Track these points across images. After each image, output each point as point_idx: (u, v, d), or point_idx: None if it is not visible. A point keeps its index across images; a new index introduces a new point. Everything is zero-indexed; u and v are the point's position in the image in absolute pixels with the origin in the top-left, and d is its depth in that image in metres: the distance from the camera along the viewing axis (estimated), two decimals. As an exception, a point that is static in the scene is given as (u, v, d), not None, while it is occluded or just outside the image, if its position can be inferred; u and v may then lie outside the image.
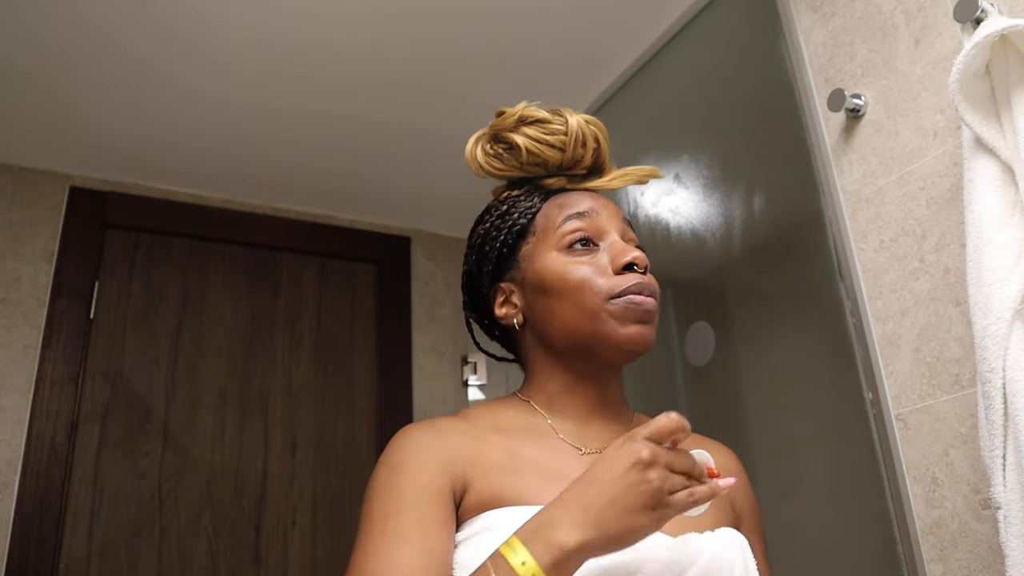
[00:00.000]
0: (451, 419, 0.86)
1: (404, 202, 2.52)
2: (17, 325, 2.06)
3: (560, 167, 0.94)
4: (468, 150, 0.97)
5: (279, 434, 2.27)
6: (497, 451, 0.81)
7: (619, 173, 0.97)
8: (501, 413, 0.88)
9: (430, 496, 0.75)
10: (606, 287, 0.84)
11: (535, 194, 0.93)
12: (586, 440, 0.86)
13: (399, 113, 2.08)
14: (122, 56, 1.83)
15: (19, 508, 1.92)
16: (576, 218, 0.89)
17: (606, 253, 0.87)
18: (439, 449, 0.79)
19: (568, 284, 0.85)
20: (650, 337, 0.85)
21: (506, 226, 0.92)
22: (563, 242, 0.88)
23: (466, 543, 0.74)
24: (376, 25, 1.78)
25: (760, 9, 1.57)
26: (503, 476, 0.79)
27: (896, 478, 1.20)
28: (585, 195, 0.92)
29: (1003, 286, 0.96)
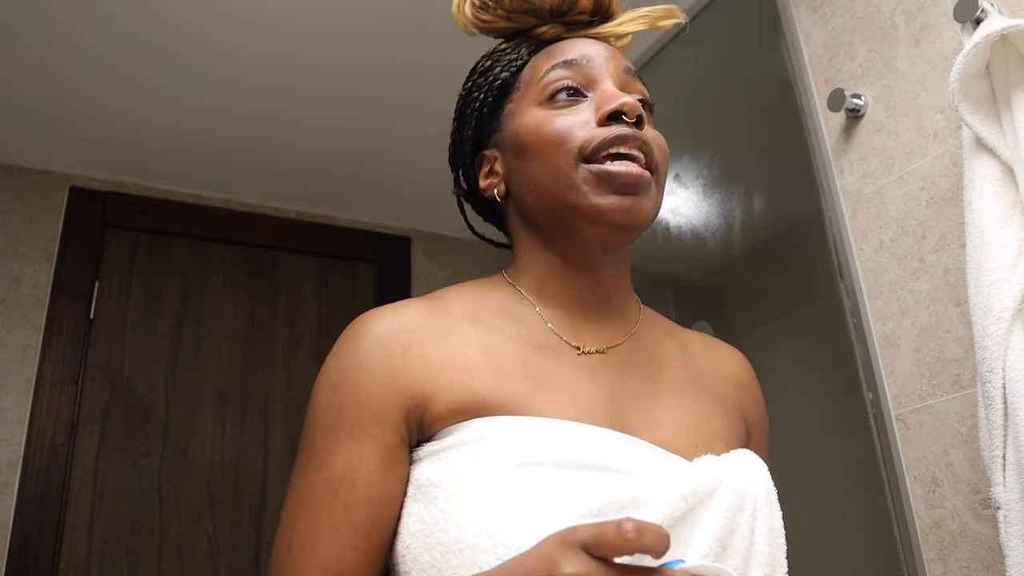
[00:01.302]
0: (419, 306, 0.72)
1: (404, 202, 2.52)
2: (17, 325, 2.06)
3: (553, 13, 0.80)
4: (455, 6, 0.82)
5: (279, 434, 2.27)
6: (473, 348, 0.69)
7: (629, 15, 0.81)
8: (481, 298, 0.75)
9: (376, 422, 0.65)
10: (579, 141, 0.70)
11: (523, 46, 0.80)
12: (584, 336, 0.73)
13: (399, 113, 2.08)
14: (122, 56, 1.83)
15: (19, 508, 1.92)
16: (562, 66, 0.74)
17: (593, 102, 0.73)
18: (394, 355, 0.67)
19: (540, 140, 0.72)
20: (635, 210, 0.69)
21: (486, 83, 0.79)
22: (545, 94, 0.74)
23: (439, 456, 0.64)
24: (376, 26, 1.78)
25: (760, 9, 1.57)
26: (481, 378, 0.66)
27: (896, 478, 1.20)
28: (581, 42, 0.77)
29: (1003, 286, 0.96)
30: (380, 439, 0.65)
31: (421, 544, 0.62)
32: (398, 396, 0.66)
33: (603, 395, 0.69)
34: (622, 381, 0.72)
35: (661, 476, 0.63)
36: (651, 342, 0.77)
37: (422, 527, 0.62)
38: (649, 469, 0.63)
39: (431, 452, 0.65)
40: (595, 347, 0.73)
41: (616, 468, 0.62)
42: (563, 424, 0.64)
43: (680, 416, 0.72)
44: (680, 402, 0.73)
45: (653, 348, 0.77)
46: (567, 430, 0.64)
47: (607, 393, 0.70)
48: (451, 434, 0.64)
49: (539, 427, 0.63)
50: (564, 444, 0.62)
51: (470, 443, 0.63)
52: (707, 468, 0.64)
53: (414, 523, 0.63)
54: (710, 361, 0.80)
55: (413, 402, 0.66)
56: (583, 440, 0.63)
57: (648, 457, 0.65)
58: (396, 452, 0.65)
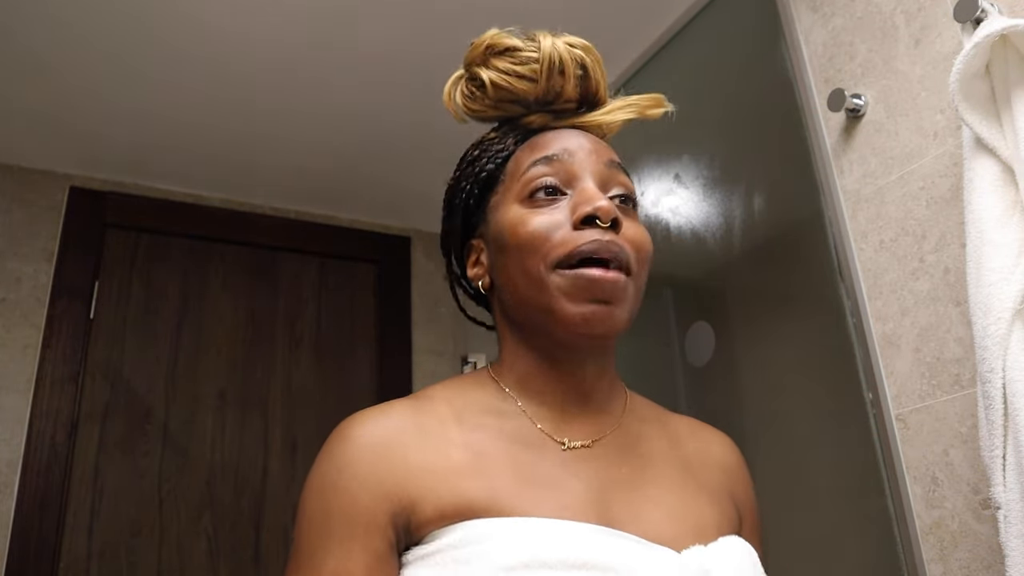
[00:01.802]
0: (406, 407, 0.72)
1: (404, 202, 2.52)
2: (17, 325, 2.06)
3: (540, 102, 0.79)
4: (446, 92, 0.82)
5: (279, 434, 2.27)
6: (458, 449, 0.69)
7: (616, 104, 0.80)
8: (466, 396, 0.75)
9: (363, 529, 0.65)
10: (555, 245, 0.69)
11: (510, 135, 0.79)
12: (568, 432, 0.73)
13: (399, 113, 2.08)
14: (122, 56, 1.83)
15: (19, 508, 1.92)
16: (543, 163, 0.74)
17: (571, 203, 0.72)
18: (379, 460, 0.67)
19: (517, 240, 0.71)
20: (608, 319, 0.69)
21: (473, 174, 0.79)
22: (525, 191, 0.73)
23: (426, 561, 0.64)
24: (376, 27, 1.79)
25: (760, 9, 1.58)
26: (466, 480, 0.67)
27: (896, 478, 1.20)
28: (565, 134, 0.77)
29: (1003, 286, 0.96)
30: (368, 546, 0.65)
31: None
32: (384, 502, 0.66)
33: (589, 491, 0.69)
34: (608, 475, 0.72)
35: (649, 570, 0.63)
36: (637, 434, 0.77)
37: None
38: (637, 564, 0.63)
39: (419, 556, 0.65)
40: (580, 441, 0.73)
41: (603, 566, 0.62)
42: (549, 524, 0.64)
43: (668, 507, 0.72)
44: (668, 493, 0.73)
45: (639, 440, 0.77)
46: (553, 530, 0.64)
47: (593, 488, 0.70)
48: (438, 538, 0.64)
49: (524, 529, 0.63)
50: (550, 544, 0.62)
51: (457, 548, 0.63)
52: (695, 559, 0.65)
53: None
54: (698, 448, 0.80)
55: (400, 507, 0.66)
56: (569, 539, 0.63)
57: (635, 551, 0.65)
58: (384, 558, 0.65)
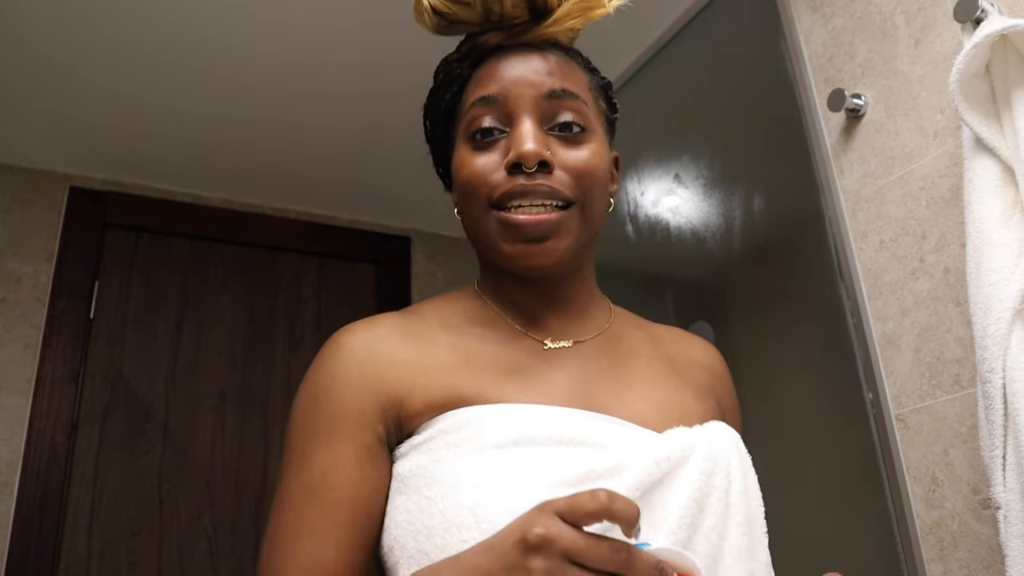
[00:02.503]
0: (395, 317, 0.76)
1: (404, 202, 2.52)
2: (17, 325, 2.06)
3: (486, 23, 0.78)
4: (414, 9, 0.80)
5: (279, 434, 2.27)
6: (445, 350, 0.72)
7: (563, 11, 0.78)
8: (452, 307, 0.79)
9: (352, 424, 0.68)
10: (487, 190, 0.72)
11: (467, 59, 0.79)
12: (549, 332, 0.76)
13: (399, 113, 2.08)
14: (122, 57, 1.83)
15: (19, 508, 1.92)
16: (480, 104, 0.75)
17: (506, 144, 0.74)
18: (367, 362, 0.70)
19: (462, 182, 0.74)
20: (542, 256, 0.71)
21: (435, 106, 0.81)
22: (468, 131, 0.75)
23: (419, 449, 0.67)
24: (377, 27, 1.79)
25: (760, 9, 1.58)
26: (454, 375, 0.70)
27: (896, 478, 1.20)
28: (507, 65, 0.76)
29: (1003, 286, 0.96)
30: (356, 439, 0.68)
31: (407, 532, 0.64)
32: (372, 399, 0.69)
33: (572, 382, 0.73)
34: (590, 368, 0.75)
35: (634, 446, 0.66)
36: (619, 335, 0.80)
37: (407, 516, 0.64)
38: (622, 441, 0.66)
39: (412, 447, 0.68)
40: (562, 342, 0.76)
41: (590, 442, 0.65)
42: (536, 407, 0.67)
43: (652, 396, 0.74)
44: (651, 384, 0.76)
45: (621, 340, 0.80)
46: (540, 412, 0.67)
47: (576, 380, 0.73)
48: (430, 427, 0.67)
49: (513, 412, 0.67)
50: (538, 424, 0.65)
51: (448, 432, 0.66)
52: (680, 437, 0.67)
53: (400, 514, 0.65)
54: (681, 350, 0.83)
55: (388, 403, 0.69)
56: (556, 419, 0.66)
57: (620, 431, 0.68)
58: (373, 451, 0.68)
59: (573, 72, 0.78)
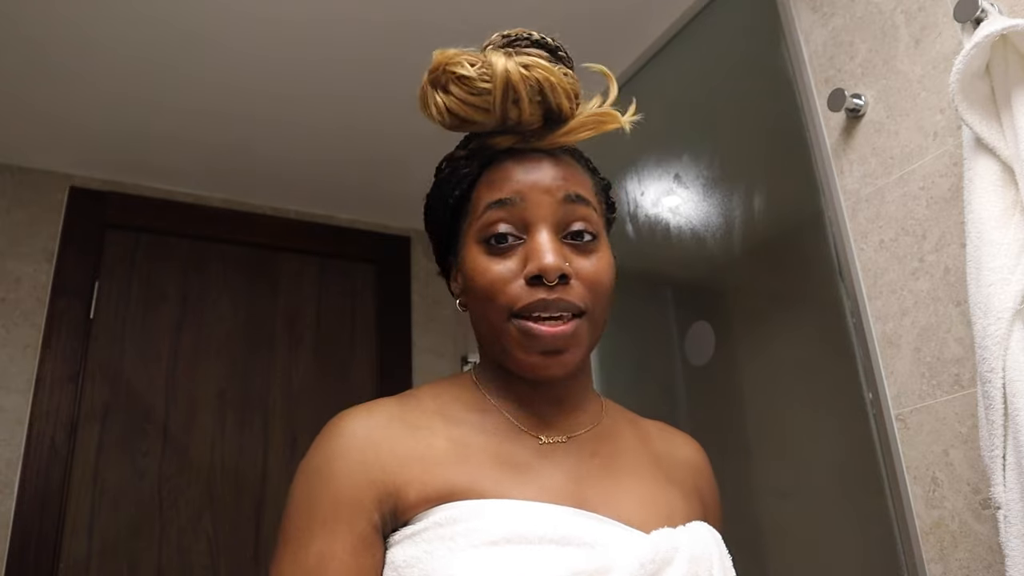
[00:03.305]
0: (393, 405, 0.77)
1: (404, 202, 2.52)
2: (17, 325, 2.06)
3: (501, 126, 0.78)
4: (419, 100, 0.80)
5: (279, 434, 2.27)
6: (441, 440, 0.73)
7: (577, 123, 0.79)
8: (449, 394, 0.80)
9: (348, 513, 0.69)
10: (510, 299, 0.73)
11: (476, 158, 0.80)
12: (543, 427, 0.78)
13: (399, 113, 2.08)
14: (122, 57, 1.83)
15: (19, 508, 1.92)
16: (496, 207, 0.75)
17: (524, 253, 0.75)
18: (366, 451, 0.71)
19: (478, 287, 0.75)
20: (557, 367, 0.74)
21: (442, 200, 0.82)
22: (482, 235, 0.76)
23: (413, 539, 0.68)
24: (376, 28, 1.79)
25: (760, 9, 1.58)
26: (450, 467, 0.71)
27: (896, 478, 1.20)
28: (521, 168, 0.77)
29: (1003, 286, 0.96)
30: (353, 528, 0.69)
31: None
32: (370, 488, 0.70)
33: (565, 478, 0.74)
34: (583, 466, 0.77)
35: (621, 547, 0.67)
36: (610, 431, 0.82)
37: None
38: (610, 541, 0.68)
39: (406, 536, 0.69)
40: (556, 437, 0.78)
41: (579, 542, 0.67)
42: (528, 505, 0.69)
43: (639, 495, 0.77)
44: (639, 483, 0.78)
45: (612, 436, 0.82)
46: (532, 510, 0.69)
47: (570, 477, 0.75)
48: (424, 518, 0.69)
49: (506, 508, 0.68)
50: (530, 522, 0.67)
51: (443, 525, 0.67)
52: (665, 538, 0.69)
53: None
54: (667, 448, 0.86)
55: (385, 492, 0.70)
56: (548, 518, 0.68)
57: (609, 531, 0.69)
58: (369, 539, 0.69)
59: (581, 176, 0.80)
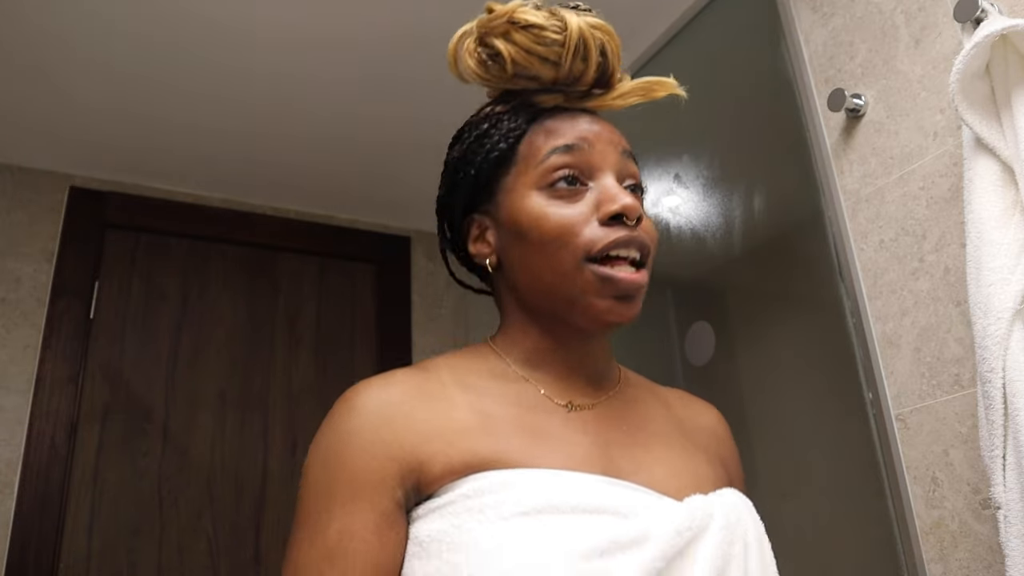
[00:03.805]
0: (410, 374, 0.74)
1: (404, 202, 2.52)
2: (17, 325, 2.06)
3: (556, 82, 0.79)
4: (450, 50, 0.80)
5: (279, 434, 2.27)
6: (463, 412, 0.71)
7: (628, 87, 0.80)
8: (466, 364, 0.77)
9: (370, 490, 0.66)
10: (585, 242, 0.72)
11: (521, 113, 0.79)
12: (570, 395, 0.76)
13: (399, 113, 2.08)
14: (123, 57, 1.83)
15: (19, 508, 1.92)
16: (563, 152, 0.75)
17: (594, 197, 0.74)
18: (383, 426, 0.68)
19: (544, 233, 0.73)
20: (629, 313, 0.73)
21: (483, 151, 0.79)
22: (545, 180, 0.75)
23: (439, 513, 0.66)
24: (376, 28, 1.79)
25: (760, 9, 1.58)
26: (474, 438, 0.68)
27: (896, 478, 1.20)
28: (580, 120, 0.78)
29: (1003, 286, 0.96)
30: (375, 505, 0.66)
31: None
32: (391, 464, 0.67)
33: (594, 446, 0.72)
34: (611, 432, 0.75)
35: (656, 515, 0.65)
36: (634, 398, 0.81)
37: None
38: (644, 510, 0.66)
39: (431, 509, 0.66)
40: (582, 403, 0.76)
41: (613, 511, 0.65)
42: (559, 474, 0.67)
43: (668, 462, 0.75)
44: (667, 450, 0.76)
45: (636, 403, 0.81)
46: (563, 479, 0.66)
47: (598, 444, 0.73)
48: (451, 490, 0.66)
49: (536, 478, 0.66)
50: (562, 492, 0.64)
51: (471, 497, 0.64)
52: (699, 505, 0.67)
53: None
54: (689, 415, 0.84)
55: (407, 468, 0.67)
56: (580, 487, 0.65)
57: (642, 499, 0.67)
58: (392, 516, 0.67)
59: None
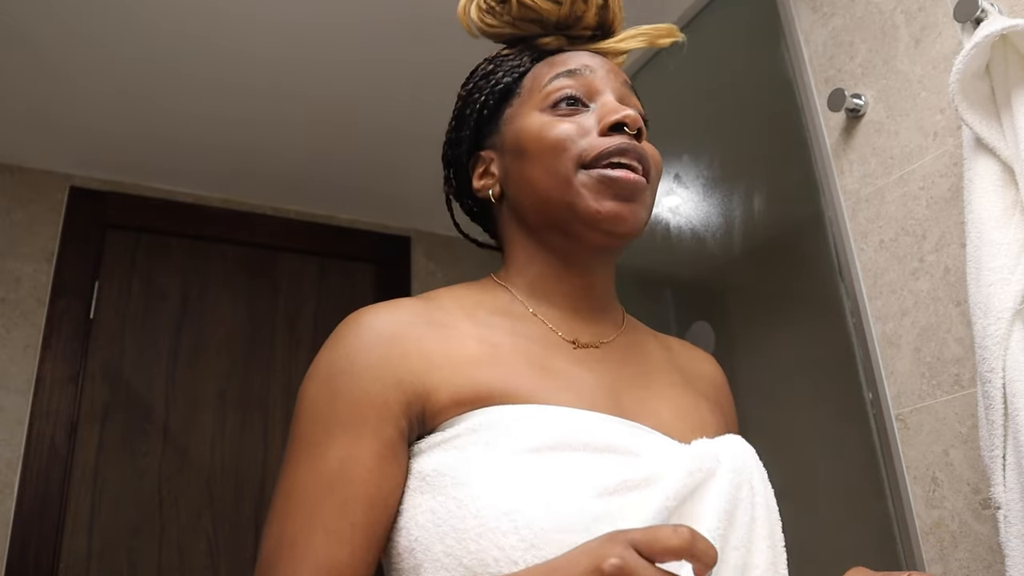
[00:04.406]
0: (414, 303, 0.73)
1: (404, 202, 2.52)
2: (17, 325, 2.06)
3: (558, 25, 0.82)
4: (461, 7, 0.84)
5: (279, 434, 2.27)
6: (471, 341, 0.69)
7: (630, 32, 0.84)
8: (474, 298, 0.76)
9: (375, 415, 0.64)
10: (581, 148, 0.72)
11: (526, 53, 0.82)
12: (576, 332, 0.75)
13: (398, 113, 2.08)
14: (123, 57, 1.83)
15: (19, 508, 1.92)
16: (565, 76, 0.77)
17: (595, 114, 0.75)
18: (391, 349, 0.66)
19: (543, 144, 0.74)
20: (631, 217, 0.72)
21: (488, 86, 0.81)
22: (547, 101, 0.76)
23: (444, 447, 0.64)
24: (376, 30, 1.79)
25: (760, 9, 1.58)
26: (483, 369, 0.67)
27: (896, 478, 1.20)
28: (582, 54, 0.80)
29: (1003, 286, 0.96)
30: (378, 433, 0.64)
31: (432, 534, 0.61)
32: (396, 390, 0.65)
33: (601, 385, 0.72)
34: (617, 372, 0.74)
35: (666, 456, 0.65)
36: (638, 340, 0.81)
37: (432, 517, 0.61)
38: (654, 450, 0.65)
39: (435, 444, 0.65)
40: (589, 342, 0.75)
41: (624, 450, 0.64)
42: (569, 411, 0.65)
43: (673, 405, 0.75)
44: (671, 393, 0.76)
45: (641, 346, 0.80)
46: (573, 416, 0.65)
47: (605, 383, 0.72)
48: (456, 424, 0.64)
49: (546, 414, 0.64)
50: (572, 429, 0.63)
51: (478, 431, 0.63)
52: (706, 448, 0.66)
53: (423, 514, 0.62)
54: (690, 362, 0.85)
55: (413, 395, 0.65)
56: (591, 425, 0.64)
57: (651, 440, 0.67)
58: (395, 447, 0.64)
59: None
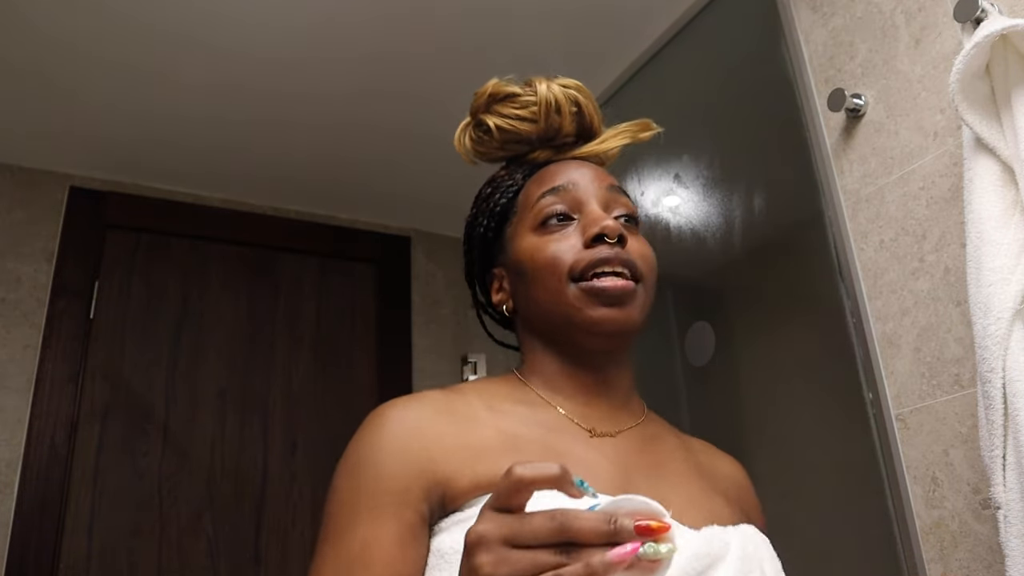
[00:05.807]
0: (438, 396, 0.77)
1: (404, 202, 2.52)
2: (17, 325, 2.06)
3: (542, 140, 0.88)
4: (456, 138, 0.92)
5: (279, 434, 2.27)
6: (490, 431, 0.73)
7: (610, 133, 0.90)
8: (494, 389, 0.81)
9: (395, 502, 0.67)
10: (570, 263, 0.77)
11: (518, 171, 0.88)
12: (594, 421, 0.78)
13: (398, 114, 2.08)
14: (122, 57, 1.83)
15: (19, 508, 1.92)
16: (551, 193, 0.82)
17: (580, 226, 0.80)
18: (413, 439, 0.70)
19: (536, 265, 0.79)
20: (625, 320, 0.77)
21: (489, 209, 0.88)
22: (538, 219, 0.81)
23: (462, 526, 0.65)
24: (376, 29, 1.79)
25: (760, 9, 1.58)
26: (501, 457, 0.70)
27: (896, 478, 1.20)
28: (568, 166, 0.85)
29: (1003, 286, 0.96)
30: (399, 517, 0.67)
31: None
32: (418, 477, 0.69)
33: (616, 471, 0.74)
34: (632, 460, 0.77)
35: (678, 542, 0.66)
36: (656, 435, 0.83)
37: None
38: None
39: (455, 522, 0.67)
40: (606, 431, 0.78)
41: None
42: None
43: (687, 494, 0.76)
44: (687, 484, 0.78)
45: (658, 439, 0.83)
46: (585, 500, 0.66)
47: (620, 470, 0.74)
48: (475, 504, 0.67)
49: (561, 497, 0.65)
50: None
51: None
52: (716, 534, 0.68)
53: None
54: (710, 461, 0.86)
55: (434, 482, 0.69)
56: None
57: None
58: (416, 530, 0.68)
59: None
